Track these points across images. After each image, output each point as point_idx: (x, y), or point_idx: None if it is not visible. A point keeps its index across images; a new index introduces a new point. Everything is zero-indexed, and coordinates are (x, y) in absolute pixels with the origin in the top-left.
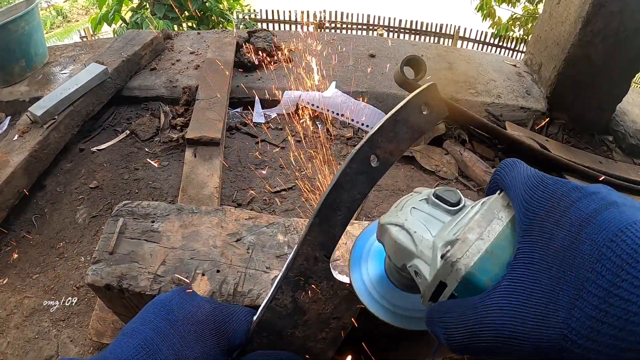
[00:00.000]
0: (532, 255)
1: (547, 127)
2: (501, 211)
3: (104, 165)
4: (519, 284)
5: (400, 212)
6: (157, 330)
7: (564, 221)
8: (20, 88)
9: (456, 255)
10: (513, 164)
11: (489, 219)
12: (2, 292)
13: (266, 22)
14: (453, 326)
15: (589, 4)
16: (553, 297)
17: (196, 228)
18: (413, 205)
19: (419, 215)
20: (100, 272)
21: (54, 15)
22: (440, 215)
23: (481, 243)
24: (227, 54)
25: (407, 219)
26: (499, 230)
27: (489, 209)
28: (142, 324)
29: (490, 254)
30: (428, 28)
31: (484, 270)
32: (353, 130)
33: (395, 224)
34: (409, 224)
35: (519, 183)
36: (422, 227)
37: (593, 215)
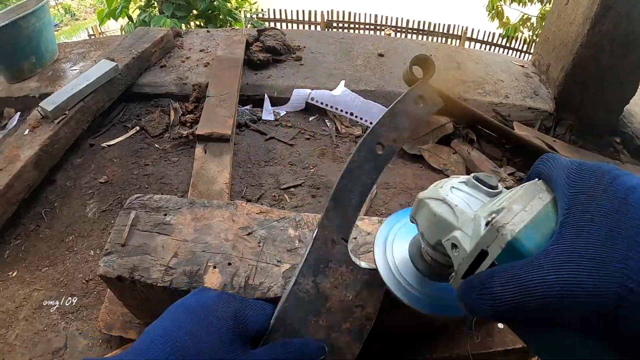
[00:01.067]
0: (583, 219)
1: (554, 127)
2: (541, 192)
3: (113, 160)
4: (572, 243)
5: (441, 189)
6: (175, 322)
7: (610, 191)
8: (30, 84)
9: (502, 222)
10: (553, 156)
11: (531, 196)
12: (12, 284)
13: (274, 22)
14: (500, 288)
15: (597, 5)
16: (606, 252)
17: (208, 221)
18: (453, 185)
19: (459, 194)
20: (112, 264)
21: (62, 13)
22: (480, 196)
23: (525, 214)
24: (237, 52)
25: (448, 194)
26: (541, 206)
27: (529, 189)
28: (161, 319)
29: (534, 224)
30: (436, 28)
31: (529, 238)
32: (362, 128)
33: (436, 198)
34: (450, 198)
35: (560, 168)
36: (463, 202)
37: (637, 185)
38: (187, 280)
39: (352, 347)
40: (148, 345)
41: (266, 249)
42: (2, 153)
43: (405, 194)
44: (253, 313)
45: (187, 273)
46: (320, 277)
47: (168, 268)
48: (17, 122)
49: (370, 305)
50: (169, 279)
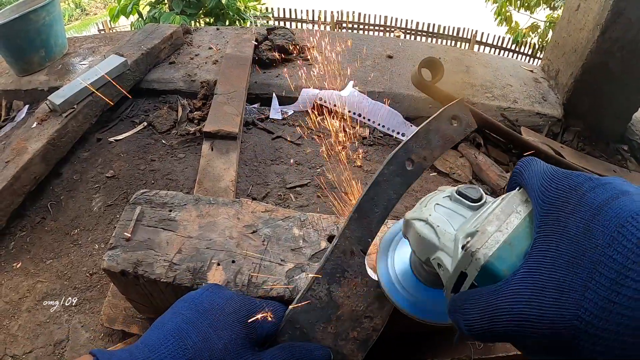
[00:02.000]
0: (549, 243)
1: (562, 133)
2: (519, 205)
3: (120, 155)
4: (535, 270)
5: (425, 208)
6: (187, 320)
7: (578, 210)
8: (39, 77)
9: (475, 246)
10: (530, 161)
11: (508, 213)
12: (16, 275)
13: (283, 21)
14: (473, 313)
15: (607, 11)
16: (567, 280)
17: (213, 218)
18: (437, 202)
19: (442, 211)
20: (117, 258)
21: (72, 7)
22: (463, 211)
23: (499, 235)
24: (246, 50)
25: (431, 214)
26: (517, 223)
27: (508, 204)
28: (172, 315)
29: (508, 244)
30: (445, 31)
31: (502, 260)
32: (369, 130)
33: (419, 219)
34: (432, 219)
35: (535, 178)
36: (445, 221)
37: (605, 204)
38: (190, 276)
39: (355, 356)
40: (159, 342)
41: (270, 247)
42: (10, 145)
43: (411, 196)
44: (264, 316)
45: (190, 269)
46: (334, 285)
47: (172, 264)
48: (25, 114)
49: (379, 318)
50: (172, 274)
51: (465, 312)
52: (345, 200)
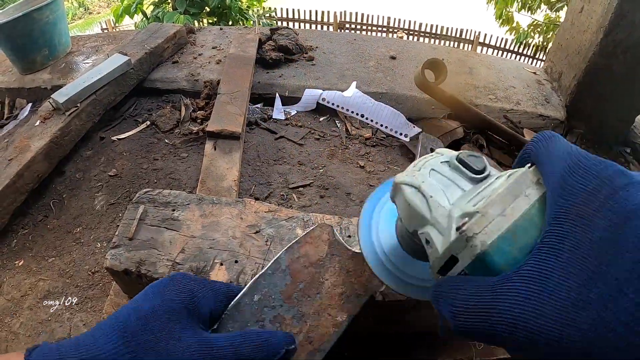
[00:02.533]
0: (564, 241)
1: (565, 136)
2: (529, 187)
3: (123, 154)
4: (544, 271)
5: (418, 172)
6: (133, 300)
7: (608, 208)
8: (42, 76)
9: (473, 230)
10: (551, 136)
11: (515, 194)
12: (18, 273)
13: (286, 21)
14: (462, 307)
15: (611, 13)
16: (583, 293)
17: (216, 218)
18: (433, 167)
19: (438, 179)
20: (119, 257)
21: (75, 6)
22: (462, 182)
23: (503, 220)
24: (250, 50)
25: (425, 181)
26: (525, 210)
27: (516, 183)
28: (123, 308)
29: (511, 233)
30: (448, 32)
31: (501, 252)
32: (372, 130)
33: (411, 185)
34: (425, 187)
35: (556, 159)
36: (440, 192)
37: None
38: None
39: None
40: (100, 334)
41: (273, 247)
42: (13, 143)
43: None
44: (206, 291)
45: (193, 269)
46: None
47: (175, 263)
48: (28, 113)
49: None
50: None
51: (453, 303)
52: (348, 201)
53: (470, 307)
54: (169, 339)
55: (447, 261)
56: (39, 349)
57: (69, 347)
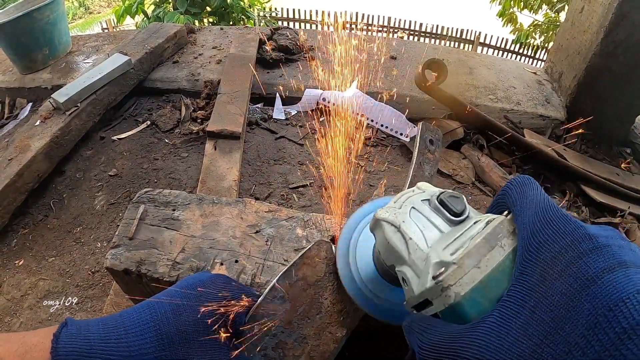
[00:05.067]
0: (526, 299)
1: (565, 135)
2: (505, 237)
3: (123, 154)
4: (505, 325)
5: (399, 210)
6: (167, 293)
7: (568, 274)
8: (42, 75)
9: (449, 281)
10: (526, 183)
11: (491, 245)
12: (18, 272)
13: (287, 21)
14: (429, 346)
15: (611, 14)
16: (537, 352)
17: (216, 218)
18: (413, 205)
19: (418, 219)
20: (120, 257)
21: (76, 6)
22: (441, 224)
23: (477, 272)
24: (250, 50)
25: (405, 220)
26: (499, 261)
27: (494, 233)
28: (163, 294)
29: (484, 285)
30: (449, 33)
31: (473, 303)
32: (372, 130)
33: (391, 223)
34: (405, 227)
35: (529, 211)
36: (419, 233)
37: (598, 276)
38: None
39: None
40: (133, 310)
41: (273, 247)
42: (13, 143)
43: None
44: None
45: (193, 269)
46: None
47: (175, 263)
48: (28, 112)
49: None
50: (175, 274)
51: (422, 340)
52: (348, 200)
53: (436, 348)
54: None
55: (422, 302)
56: (66, 331)
57: (98, 337)
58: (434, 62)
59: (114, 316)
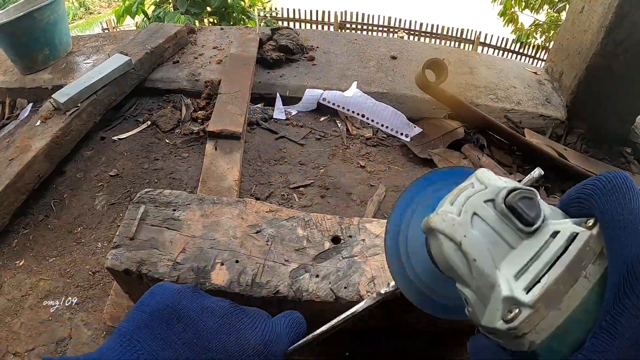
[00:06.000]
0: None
1: (565, 136)
2: (591, 263)
3: (124, 154)
4: None
5: (459, 219)
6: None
7: None
8: (43, 76)
9: (523, 330)
10: (625, 189)
11: (574, 276)
12: (19, 273)
13: (287, 21)
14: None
15: (612, 13)
16: None
17: (217, 218)
18: (476, 210)
19: (482, 230)
20: (120, 257)
21: (76, 6)
22: (510, 236)
23: (557, 315)
24: (250, 50)
25: (467, 234)
26: (582, 297)
27: (577, 259)
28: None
29: (563, 330)
30: (449, 32)
31: (550, 350)
32: (372, 130)
33: (450, 238)
34: (467, 244)
35: (633, 239)
36: (485, 252)
37: None
38: (194, 276)
39: None
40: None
41: (274, 247)
42: (13, 143)
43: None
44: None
45: (194, 269)
46: None
47: (176, 263)
48: (29, 112)
49: None
50: (176, 274)
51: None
52: (349, 201)
53: None
54: None
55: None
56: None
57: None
58: (434, 62)
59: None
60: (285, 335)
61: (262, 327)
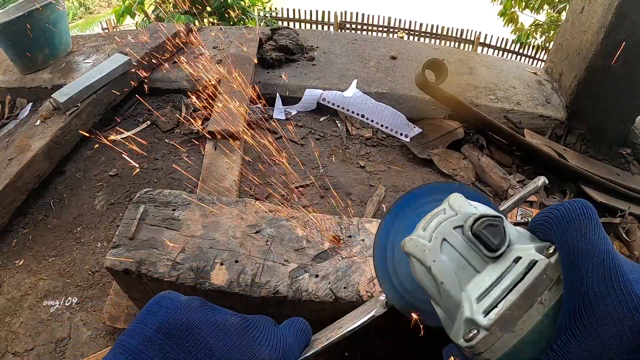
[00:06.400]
0: None
1: (565, 136)
2: (547, 289)
3: (124, 154)
4: None
5: (429, 245)
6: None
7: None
8: (43, 75)
9: (479, 349)
10: (584, 219)
11: (530, 302)
12: (18, 272)
13: (287, 21)
14: None
15: (611, 14)
16: None
17: (216, 218)
18: (445, 237)
19: (451, 255)
20: (120, 257)
21: (76, 6)
22: (476, 261)
23: (511, 337)
24: (250, 50)
25: (436, 259)
26: (536, 321)
27: (534, 286)
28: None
29: (517, 350)
30: (449, 33)
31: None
32: (372, 130)
33: (421, 263)
34: (436, 269)
35: (588, 265)
36: (452, 276)
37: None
38: (193, 275)
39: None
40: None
41: (274, 247)
42: (13, 143)
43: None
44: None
45: (194, 269)
46: None
47: (175, 263)
48: (28, 112)
49: None
50: (175, 274)
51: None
52: (348, 201)
53: None
54: None
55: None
56: None
57: None
58: (434, 62)
59: None
60: (295, 346)
61: (274, 341)
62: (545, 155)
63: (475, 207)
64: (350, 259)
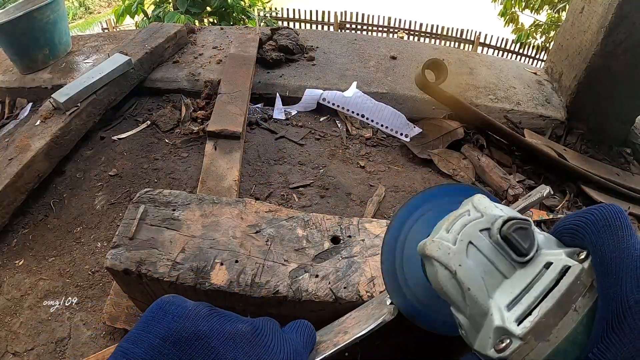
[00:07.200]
0: None
1: (565, 136)
2: (581, 296)
3: (124, 154)
4: None
5: (454, 248)
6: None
7: None
8: (43, 75)
9: (512, 359)
10: (618, 225)
11: (564, 309)
12: (18, 272)
13: (287, 21)
14: None
15: (612, 14)
16: None
17: (216, 218)
18: (471, 239)
19: (477, 260)
20: (120, 257)
21: (76, 6)
22: (504, 266)
23: (545, 346)
24: (250, 50)
25: (462, 264)
26: (570, 330)
27: (569, 292)
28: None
29: (551, 358)
30: (449, 33)
31: None
32: (372, 130)
33: (445, 267)
34: (462, 274)
35: (628, 275)
36: (480, 282)
37: None
38: (193, 276)
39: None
40: None
41: (274, 247)
42: (13, 143)
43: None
44: None
45: (194, 269)
46: None
47: (175, 263)
48: (28, 112)
49: None
50: (175, 274)
51: None
52: (348, 201)
53: None
54: None
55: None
56: None
57: None
58: (434, 62)
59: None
60: (303, 351)
61: (285, 349)
62: (545, 155)
63: (501, 209)
64: (350, 259)
